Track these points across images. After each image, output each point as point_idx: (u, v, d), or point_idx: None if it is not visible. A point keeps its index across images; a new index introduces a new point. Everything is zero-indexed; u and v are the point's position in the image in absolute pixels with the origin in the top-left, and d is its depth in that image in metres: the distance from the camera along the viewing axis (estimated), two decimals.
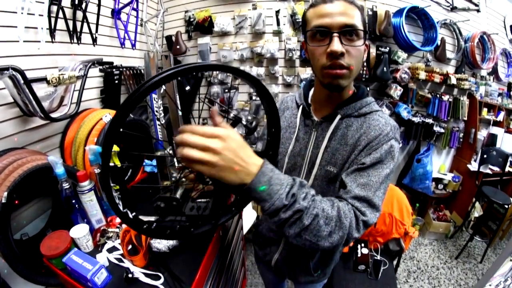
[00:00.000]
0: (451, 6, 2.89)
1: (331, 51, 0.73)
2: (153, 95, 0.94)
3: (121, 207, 0.72)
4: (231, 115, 0.80)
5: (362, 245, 1.94)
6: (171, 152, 1.00)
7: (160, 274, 0.92)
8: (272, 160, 0.79)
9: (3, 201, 1.05)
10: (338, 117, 0.86)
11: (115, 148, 1.18)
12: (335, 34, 0.73)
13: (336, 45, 0.72)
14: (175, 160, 1.03)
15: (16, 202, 1.12)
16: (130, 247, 0.97)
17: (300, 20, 2.43)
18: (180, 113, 1.07)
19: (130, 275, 0.90)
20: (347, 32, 0.74)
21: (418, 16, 2.75)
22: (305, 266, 1.06)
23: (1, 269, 1.16)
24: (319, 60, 0.78)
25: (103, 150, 0.57)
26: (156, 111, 0.95)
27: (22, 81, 1.20)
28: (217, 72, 2.71)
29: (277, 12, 2.47)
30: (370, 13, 2.55)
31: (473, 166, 3.11)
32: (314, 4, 0.78)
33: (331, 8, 0.74)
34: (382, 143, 0.78)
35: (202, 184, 0.76)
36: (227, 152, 0.56)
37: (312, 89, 0.99)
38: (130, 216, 0.75)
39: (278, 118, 0.77)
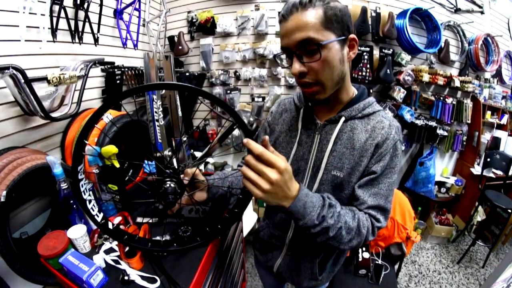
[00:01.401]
0: (455, 8, 2.87)
1: (292, 73, 0.75)
2: (153, 96, 0.94)
3: (98, 219, 0.74)
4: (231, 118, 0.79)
5: (363, 249, 1.92)
6: (170, 153, 0.99)
7: (157, 277, 0.91)
8: None
9: (2, 199, 1.05)
10: (342, 119, 0.85)
11: (114, 149, 1.17)
12: (294, 55, 0.73)
13: (294, 67, 0.73)
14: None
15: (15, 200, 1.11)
16: (127, 249, 0.96)
17: None
18: (180, 114, 1.06)
19: (126, 278, 0.89)
20: (304, 47, 0.71)
21: (421, 17, 2.74)
22: (310, 271, 1.04)
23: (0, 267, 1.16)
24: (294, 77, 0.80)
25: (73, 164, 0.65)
26: (156, 112, 0.94)
27: (22, 80, 1.20)
28: (220, 73, 2.72)
29: (280, 13, 2.45)
30: (374, 14, 2.53)
31: (476, 169, 3.07)
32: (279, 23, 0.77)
33: (286, 27, 0.72)
34: (390, 147, 0.80)
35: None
36: (279, 183, 0.62)
37: None
38: (110, 226, 0.77)
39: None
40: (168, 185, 0.75)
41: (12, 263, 1.10)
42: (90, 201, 0.73)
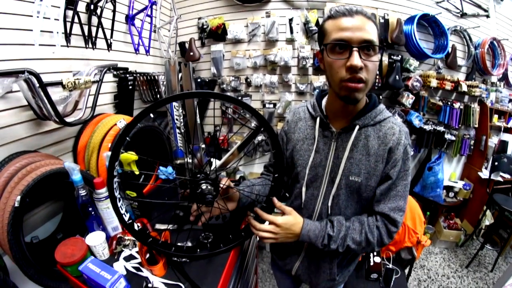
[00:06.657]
0: (461, 13, 2.87)
1: (351, 65, 0.75)
2: (174, 104, 0.93)
3: (126, 218, 0.75)
4: (253, 124, 0.81)
5: (375, 253, 1.91)
6: (190, 161, 0.99)
7: (181, 284, 0.90)
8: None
9: (16, 205, 1.04)
10: (357, 127, 0.90)
11: (134, 156, 1.16)
12: (355, 49, 0.75)
13: (356, 59, 0.75)
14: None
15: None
16: (148, 255, 0.95)
17: (313, 28, 2.43)
18: (198, 121, 1.05)
19: (150, 285, 0.88)
20: (366, 47, 0.76)
21: (429, 23, 2.74)
22: (329, 271, 1.08)
23: (11, 271, 1.14)
24: (338, 73, 0.80)
25: (109, 166, 0.68)
26: (177, 119, 0.93)
27: (37, 85, 1.18)
28: (231, 79, 2.72)
29: (290, 20, 2.47)
30: (382, 21, 2.54)
31: (484, 173, 3.06)
32: (333, 16, 0.79)
33: (351, 22, 0.76)
34: (401, 152, 0.89)
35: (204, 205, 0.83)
36: (281, 231, 0.91)
37: (325, 99, 1.01)
38: (136, 227, 0.77)
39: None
40: (205, 186, 0.78)
41: (25, 268, 1.08)
42: (119, 199, 0.72)
